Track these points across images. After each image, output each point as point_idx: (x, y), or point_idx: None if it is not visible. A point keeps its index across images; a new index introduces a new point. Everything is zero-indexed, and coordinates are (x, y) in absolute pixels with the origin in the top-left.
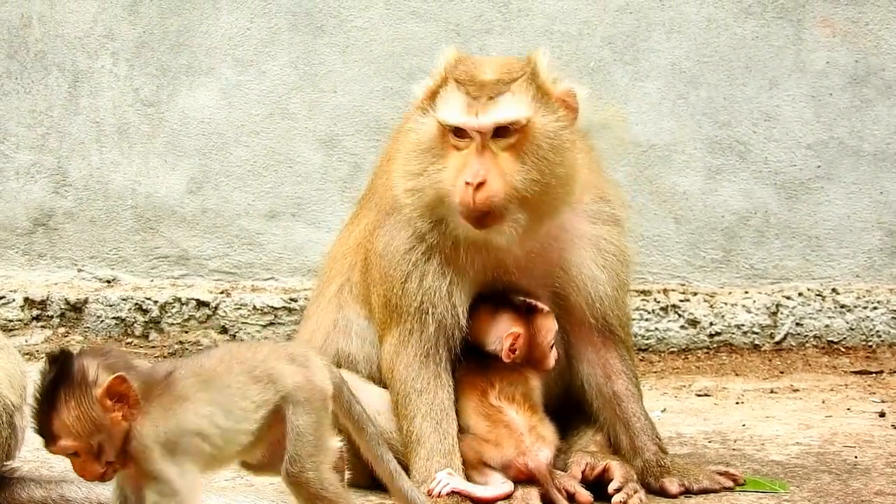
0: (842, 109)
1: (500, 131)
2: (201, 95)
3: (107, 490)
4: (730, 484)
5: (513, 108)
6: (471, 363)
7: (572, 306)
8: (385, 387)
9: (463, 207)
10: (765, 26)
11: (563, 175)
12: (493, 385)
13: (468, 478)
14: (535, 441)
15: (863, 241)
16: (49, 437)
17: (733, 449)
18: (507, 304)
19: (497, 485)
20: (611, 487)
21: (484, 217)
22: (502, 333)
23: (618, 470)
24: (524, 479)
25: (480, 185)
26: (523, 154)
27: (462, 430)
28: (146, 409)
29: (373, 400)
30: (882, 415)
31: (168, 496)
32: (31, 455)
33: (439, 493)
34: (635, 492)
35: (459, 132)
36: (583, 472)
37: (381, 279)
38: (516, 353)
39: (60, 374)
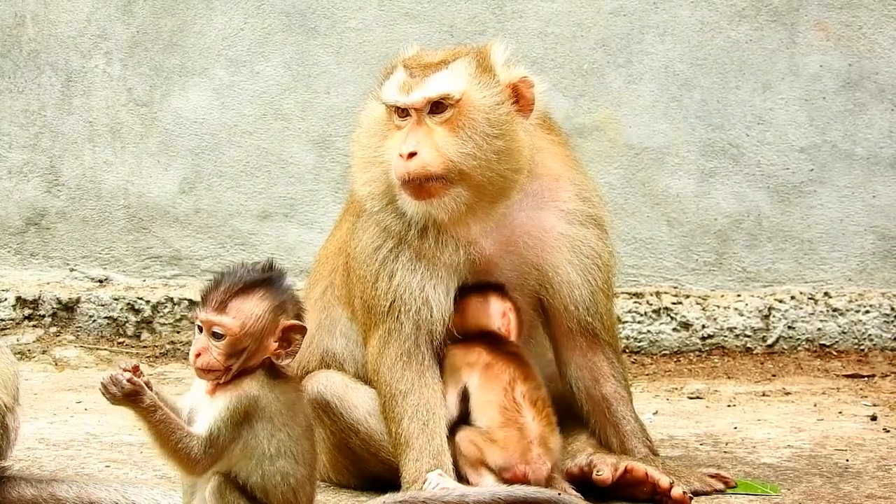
0: (835, 113)
1: (436, 107)
2: (194, 95)
3: (97, 490)
4: (721, 486)
5: (445, 83)
6: (494, 350)
7: (554, 309)
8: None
9: (399, 179)
10: (758, 29)
11: (503, 151)
12: (522, 380)
13: (461, 474)
14: (542, 452)
15: (855, 244)
16: (218, 306)
17: (725, 451)
18: (480, 288)
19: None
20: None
21: (420, 187)
22: (503, 310)
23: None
24: (516, 482)
25: (413, 154)
26: (458, 128)
27: (468, 421)
28: (269, 377)
29: (363, 401)
30: (873, 418)
31: (196, 434)
32: (23, 454)
33: None
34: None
35: (401, 112)
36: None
37: (357, 282)
38: (514, 325)
39: (273, 279)
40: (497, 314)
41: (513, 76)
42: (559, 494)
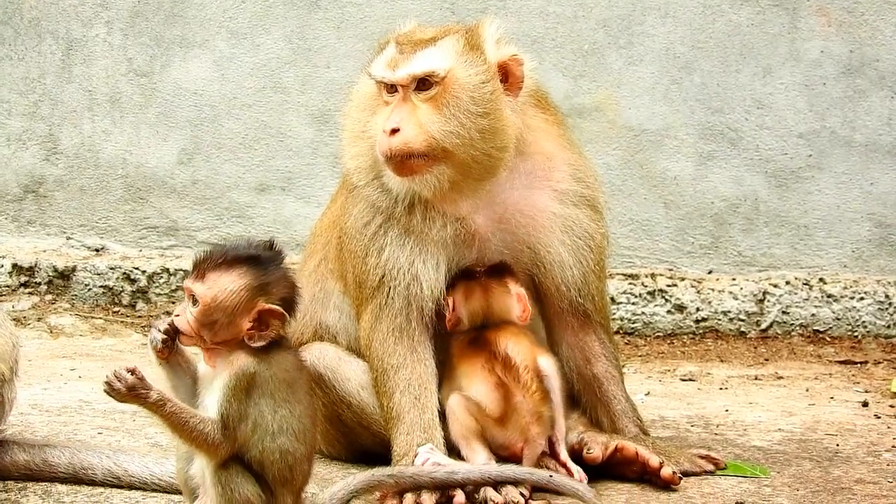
0: (835, 99)
1: (422, 84)
2: (194, 67)
3: (89, 456)
4: (711, 468)
5: (430, 60)
6: (469, 333)
7: (546, 289)
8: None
9: (382, 155)
10: (760, 13)
11: (487, 129)
12: (496, 358)
13: (452, 447)
14: (539, 431)
15: (851, 231)
16: (198, 274)
17: (716, 434)
18: (496, 274)
19: (480, 463)
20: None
21: (402, 163)
22: (521, 299)
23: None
24: (509, 458)
25: (395, 131)
26: (443, 106)
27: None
28: (265, 353)
29: (356, 374)
30: (865, 404)
31: (209, 420)
32: (16, 419)
33: None
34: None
35: (390, 88)
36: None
37: (349, 256)
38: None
39: (262, 259)
40: (519, 306)
41: (501, 54)
42: (551, 476)
